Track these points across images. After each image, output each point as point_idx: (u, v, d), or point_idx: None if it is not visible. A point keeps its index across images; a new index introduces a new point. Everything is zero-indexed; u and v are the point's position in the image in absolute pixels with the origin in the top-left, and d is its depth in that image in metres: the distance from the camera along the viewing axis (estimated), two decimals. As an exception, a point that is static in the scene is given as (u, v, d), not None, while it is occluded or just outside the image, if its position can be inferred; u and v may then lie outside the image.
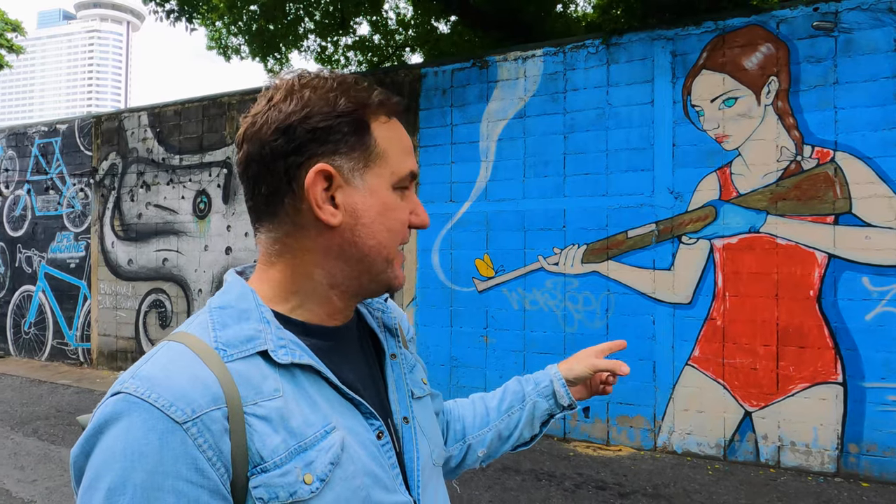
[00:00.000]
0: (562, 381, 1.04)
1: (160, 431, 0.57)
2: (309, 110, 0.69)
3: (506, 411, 1.04)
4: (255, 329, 0.68)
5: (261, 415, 0.62)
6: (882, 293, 4.01)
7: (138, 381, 0.60)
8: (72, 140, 8.08)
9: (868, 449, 4.02)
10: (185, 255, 7.10)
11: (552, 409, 1.04)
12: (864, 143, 4.08)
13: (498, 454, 1.05)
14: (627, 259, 4.77)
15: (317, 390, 0.69)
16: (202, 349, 0.64)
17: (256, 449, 0.61)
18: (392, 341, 0.86)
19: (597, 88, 4.91)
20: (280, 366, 0.67)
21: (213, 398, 0.60)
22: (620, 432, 4.78)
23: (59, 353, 8.18)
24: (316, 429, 0.65)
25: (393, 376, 0.82)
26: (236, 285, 0.73)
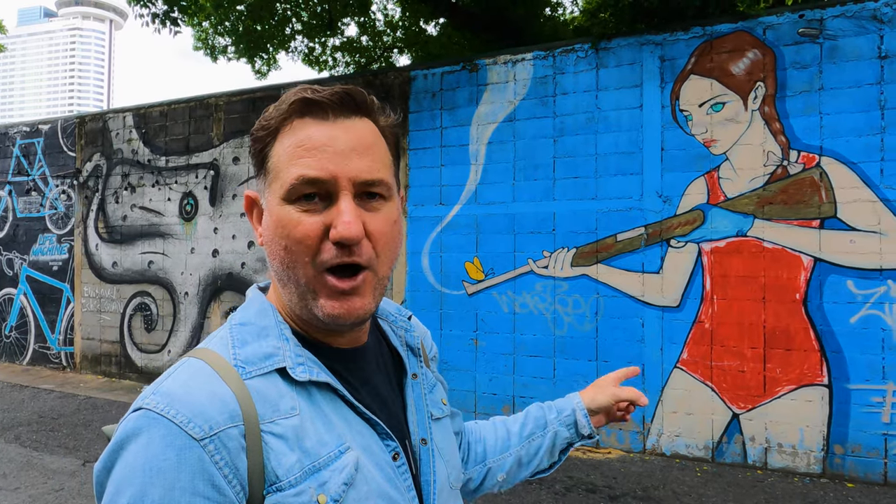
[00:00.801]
0: (584, 412, 1.03)
1: (178, 448, 0.57)
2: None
3: (527, 437, 1.03)
4: (274, 346, 0.68)
5: (277, 433, 0.62)
6: (866, 296, 4.07)
7: (159, 397, 0.60)
8: (55, 141, 7.95)
9: (853, 450, 4.08)
10: (171, 258, 7.02)
11: (572, 437, 1.04)
12: (848, 148, 4.14)
13: (517, 480, 1.04)
14: (616, 262, 4.80)
15: (333, 409, 0.68)
16: (221, 366, 0.64)
17: (272, 467, 0.61)
18: (414, 360, 0.85)
19: (586, 92, 4.94)
20: (297, 383, 0.67)
21: (231, 415, 0.60)
22: (610, 435, 4.80)
23: (42, 357, 8.05)
24: (330, 448, 0.65)
25: (413, 396, 0.81)
26: (257, 301, 0.73)
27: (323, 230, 0.65)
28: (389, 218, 0.70)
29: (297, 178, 0.65)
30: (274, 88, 6.46)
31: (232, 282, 6.61)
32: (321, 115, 0.67)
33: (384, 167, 0.70)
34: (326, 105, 0.67)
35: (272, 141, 0.68)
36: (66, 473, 4.31)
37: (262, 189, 0.71)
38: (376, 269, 0.69)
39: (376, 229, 0.68)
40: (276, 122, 0.68)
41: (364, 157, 0.67)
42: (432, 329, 5.41)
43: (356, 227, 0.65)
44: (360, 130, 0.68)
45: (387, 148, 0.72)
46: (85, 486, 4.08)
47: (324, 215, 0.66)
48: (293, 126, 0.67)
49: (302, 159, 0.66)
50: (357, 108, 0.69)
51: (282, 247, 0.67)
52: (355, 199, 0.67)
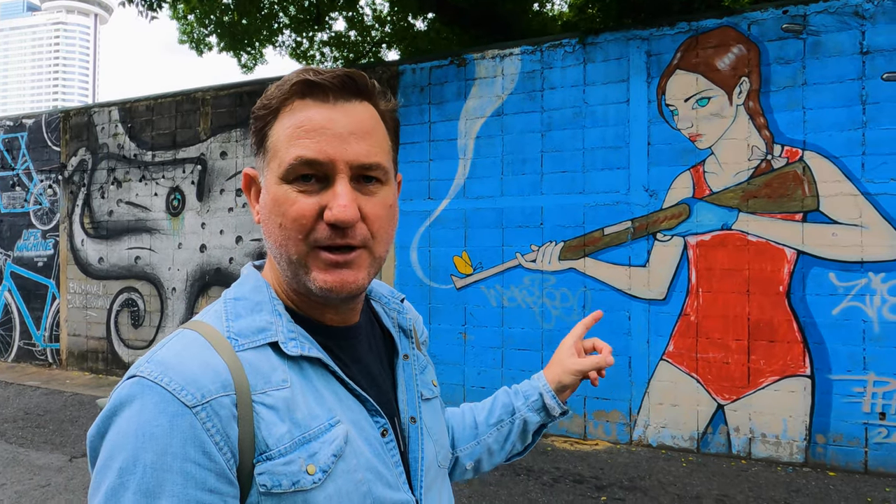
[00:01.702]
0: (551, 393, 1.02)
1: (170, 414, 0.58)
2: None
3: (495, 424, 1.03)
4: (267, 321, 0.69)
5: (268, 404, 0.64)
6: (848, 288, 4.14)
7: (153, 365, 0.62)
8: (39, 135, 7.86)
9: (834, 439, 4.16)
10: (159, 253, 6.97)
11: (544, 420, 1.03)
12: (831, 142, 4.20)
13: (490, 466, 1.04)
14: (604, 256, 4.84)
15: (324, 384, 0.70)
16: (215, 338, 0.65)
17: (263, 437, 0.62)
18: (406, 342, 0.86)
19: (573, 87, 4.96)
20: (289, 358, 0.68)
21: (223, 385, 0.61)
22: (597, 427, 4.85)
23: (27, 354, 7.97)
24: (320, 421, 0.66)
25: (403, 376, 0.82)
26: (252, 277, 0.75)
27: (318, 210, 0.66)
28: (385, 202, 0.71)
29: (295, 159, 0.66)
30: (261, 83, 6.43)
31: (220, 277, 6.58)
32: (322, 98, 0.67)
33: (382, 151, 0.70)
34: (328, 87, 0.67)
35: (272, 120, 0.69)
36: (52, 469, 4.28)
37: (260, 167, 0.72)
38: (372, 248, 0.70)
39: (371, 212, 0.69)
40: (276, 101, 0.68)
41: (362, 141, 0.68)
42: (421, 323, 5.43)
43: (351, 211, 0.66)
44: (360, 114, 0.69)
45: (386, 132, 0.73)
46: (72, 481, 4.06)
47: (320, 196, 0.67)
48: (293, 107, 0.68)
49: (301, 140, 0.66)
50: (358, 92, 0.69)
51: (277, 224, 0.68)
52: (352, 182, 0.67)
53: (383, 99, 0.73)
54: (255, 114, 0.71)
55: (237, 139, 6.49)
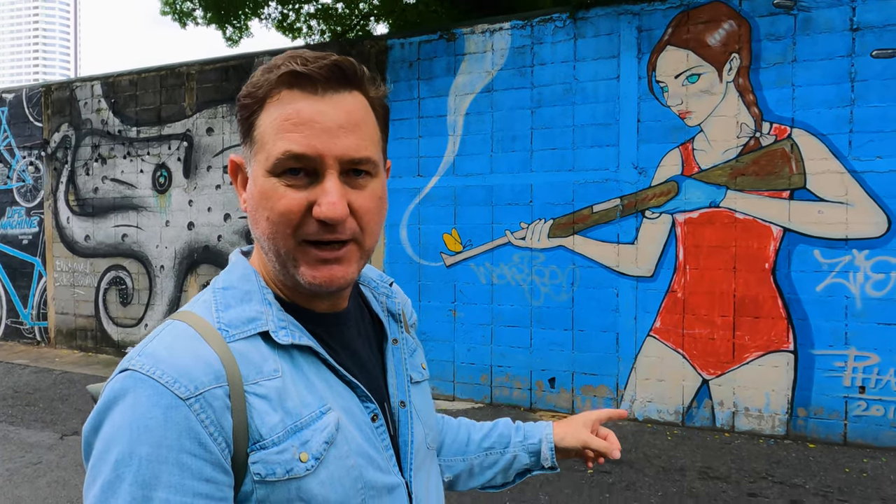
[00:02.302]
0: (551, 445, 1.01)
1: (164, 406, 0.58)
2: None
3: (486, 449, 1.03)
4: (257, 310, 0.69)
5: (261, 394, 0.64)
6: (832, 265, 4.20)
7: (144, 358, 0.62)
8: (20, 110, 7.70)
9: (815, 412, 4.25)
10: (146, 231, 6.91)
11: (532, 465, 1.03)
12: (819, 120, 4.22)
13: (465, 487, 1.03)
14: (592, 233, 4.86)
15: (314, 372, 0.70)
16: (205, 329, 0.65)
17: (256, 426, 0.63)
18: (395, 326, 0.87)
19: (564, 63, 4.92)
20: (280, 347, 0.68)
21: (216, 376, 0.62)
22: (585, 402, 4.92)
23: (14, 332, 7.92)
24: (312, 409, 0.67)
25: (393, 361, 0.83)
26: (240, 265, 0.74)
27: (306, 206, 0.66)
28: (374, 194, 0.70)
29: (282, 153, 0.65)
30: (247, 57, 6.31)
31: (209, 255, 6.55)
32: (310, 88, 0.66)
33: (372, 144, 0.69)
34: (316, 79, 0.65)
35: (259, 110, 0.67)
36: (43, 447, 4.30)
37: (247, 157, 0.71)
38: (361, 241, 0.70)
39: (361, 206, 0.68)
40: (263, 90, 0.67)
41: (351, 135, 0.66)
42: (411, 300, 5.44)
43: (340, 208, 0.65)
44: (350, 105, 0.67)
45: (376, 122, 0.72)
46: (64, 458, 4.08)
47: (308, 191, 0.66)
48: (281, 97, 0.66)
49: (289, 133, 0.65)
50: (347, 81, 0.68)
51: (264, 217, 0.67)
52: (341, 176, 0.67)
53: (373, 86, 0.71)
54: (241, 102, 0.69)
55: (223, 115, 6.39)
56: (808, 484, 3.60)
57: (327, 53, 0.67)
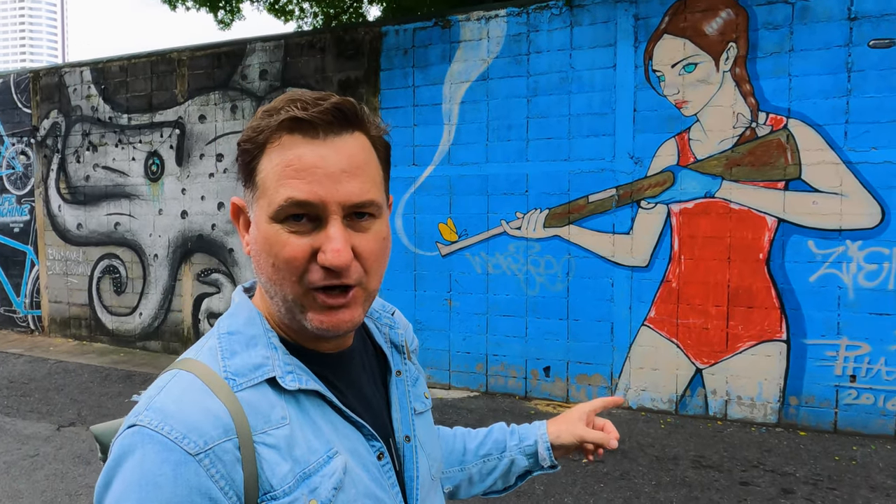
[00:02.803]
0: (547, 445, 1.01)
1: (174, 463, 0.58)
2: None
3: (483, 456, 1.03)
4: (263, 356, 0.69)
5: (270, 443, 0.64)
6: (826, 256, 4.22)
7: (152, 413, 0.61)
8: (8, 96, 7.58)
9: (807, 401, 4.31)
10: (139, 220, 6.86)
11: (531, 467, 1.03)
12: (815, 110, 4.21)
13: (467, 495, 1.04)
14: (588, 223, 4.86)
15: (321, 414, 0.70)
16: (212, 379, 0.65)
17: (266, 477, 0.63)
18: (398, 357, 0.87)
19: (560, 51, 4.88)
20: (286, 392, 0.68)
21: (225, 430, 0.61)
22: (579, 390, 4.97)
23: (8, 320, 7.89)
24: (319, 455, 0.67)
25: (397, 394, 0.83)
26: (244, 308, 0.73)
27: (311, 252, 0.65)
28: (378, 236, 0.70)
29: (285, 200, 0.64)
30: (239, 43, 6.22)
31: (203, 244, 6.52)
32: (311, 133, 0.65)
33: (374, 186, 0.69)
34: (317, 124, 0.65)
35: (259, 154, 0.67)
36: (40, 439, 4.31)
37: (249, 201, 0.70)
38: (366, 284, 0.70)
39: (365, 249, 0.68)
40: (263, 136, 0.66)
41: (354, 179, 0.66)
42: (406, 290, 5.46)
43: (345, 255, 0.65)
44: (352, 148, 0.67)
45: (378, 162, 0.72)
46: (61, 451, 4.09)
47: (312, 238, 0.66)
48: (282, 142, 0.65)
49: (291, 180, 0.64)
50: (349, 123, 0.67)
51: (269, 264, 0.67)
52: (344, 220, 0.67)
53: (374, 125, 0.71)
54: (242, 146, 0.68)
55: (216, 102, 6.32)
56: (799, 472, 3.66)
57: (327, 94, 0.67)
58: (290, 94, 0.67)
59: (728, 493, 3.41)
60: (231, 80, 6.22)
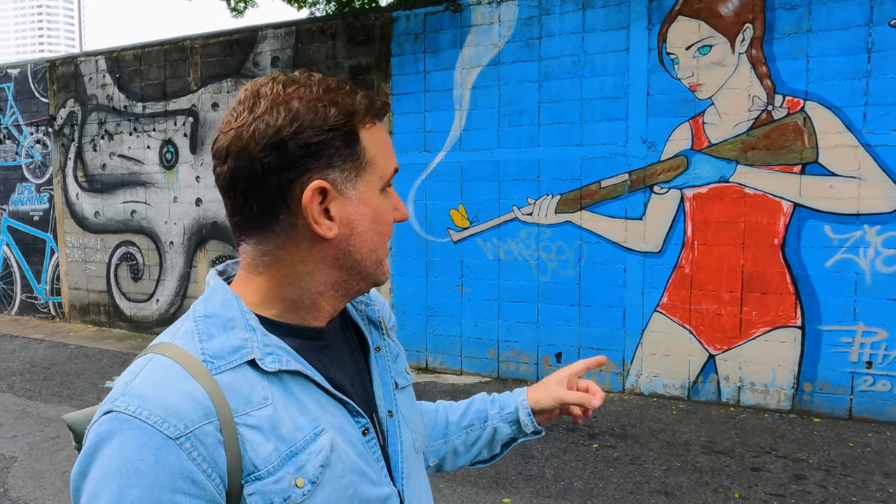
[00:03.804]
0: (528, 411, 1.02)
1: (154, 448, 0.58)
2: (300, 124, 0.67)
3: (465, 427, 1.04)
4: (242, 338, 0.68)
5: (252, 424, 0.64)
6: (842, 241, 4.16)
7: (129, 399, 0.61)
8: (25, 86, 7.68)
9: (821, 387, 4.27)
10: (154, 207, 6.95)
11: (515, 434, 1.04)
12: (833, 92, 4.12)
13: (453, 467, 1.06)
14: (600, 209, 4.82)
15: (305, 393, 0.70)
16: (190, 363, 0.64)
17: (250, 458, 0.63)
18: (376, 334, 0.87)
19: (572, 35, 4.82)
20: (268, 372, 0.68)
21: (205, 412, 0.61)
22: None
23: (30, 307, 8.06)
24: (305, 432, 0.67)
25: (378, 369, 0.84)
26: (220, 291, 0.72)
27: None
28: None
29: (394, 170, 0.77)
30: (251, 30, 6.23)
31: (217, 231, 6.58)
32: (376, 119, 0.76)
33: None
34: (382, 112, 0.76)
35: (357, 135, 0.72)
36: (61, 422, 4.40)
37: (344, 179, 0.71)
38: None
39: None
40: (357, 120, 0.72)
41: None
42: (418, 276, 5.48)
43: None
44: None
45: None
46: (81, 432, 4.19)
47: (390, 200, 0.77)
48: (367, 127, 0.73)
49: (392, 155, 0.77)
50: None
51: (377, 233, 0.75)
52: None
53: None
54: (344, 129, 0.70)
55: (228, 90, 6.35)
56: (812, 458, 3.64)
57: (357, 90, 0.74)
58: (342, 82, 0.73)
59: (739, 479, 3.40)
60: (243, 67, 6.24)
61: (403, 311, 5.59)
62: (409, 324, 5.57)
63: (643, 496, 3.25)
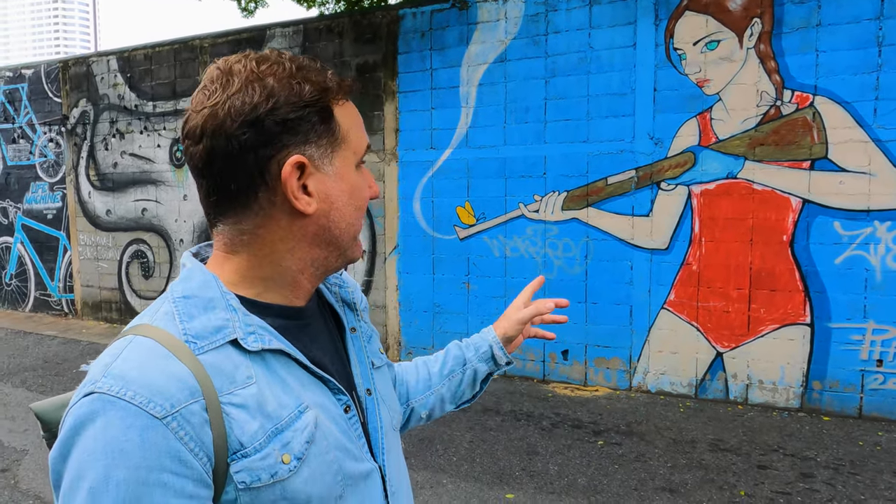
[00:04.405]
0: (499, 345, 1.11)
1: (140, 428, 0.58)
2: (275, 101, 0.67)
3: (447, 375, 1.11)
4: (223, 319, 0.68)
5: (237, 403, 0.64)
6: (852, 237, 4.11)
7: (112, 379, 0.60)
8: (39, 86, 7.79)
9: (831, 385, 4.22)
10: (165, 205, 7.02)
11: (492, 369, 1.13)
12: (843, 87, 4.07)
13: (441, 413, 1.13)
14: (607, 206, 4.80)
15: (288, 372, 0.71)
16: (172, 343, 0.64)
17: (236, 436, 0.63)
18: (351, 315, 0.89)
19: (579, 31, 4.80)
20: (250, 352, 0.68)
21: (191, 392, 0.61)
22: (598, 374, 4.94)
23: (43, 304, 8.17)
24: (290, 410, 0.68)
25: (354, 349, 0.85)
26: (197, 272, 0.72)
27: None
28: None
29: (366, 147, 0.78)
30: (259, 29, 6.27)
31: (226, 228, 6.62)
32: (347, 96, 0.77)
33: None
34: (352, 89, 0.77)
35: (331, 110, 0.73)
36: (71, 415, 4.47)
37: (321, 154, 0.72)
38: None
39: None
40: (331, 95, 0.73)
41: None
42: (425, 273, 5.49)
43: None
44: None
45: None
46: (90, 426, 4.24)
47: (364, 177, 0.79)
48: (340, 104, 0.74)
49: (363, 132, 0.78)
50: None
51: (354, 208, 0.76)
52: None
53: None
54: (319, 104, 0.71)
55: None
56: (820, 457, 3.60)
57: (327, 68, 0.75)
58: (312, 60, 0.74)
59: (745, 476, 3.37)
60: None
61: (410, 308, 5.60)
62: (415, 321, 5.58)
63: (647, 493, 3.23)
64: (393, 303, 5.67)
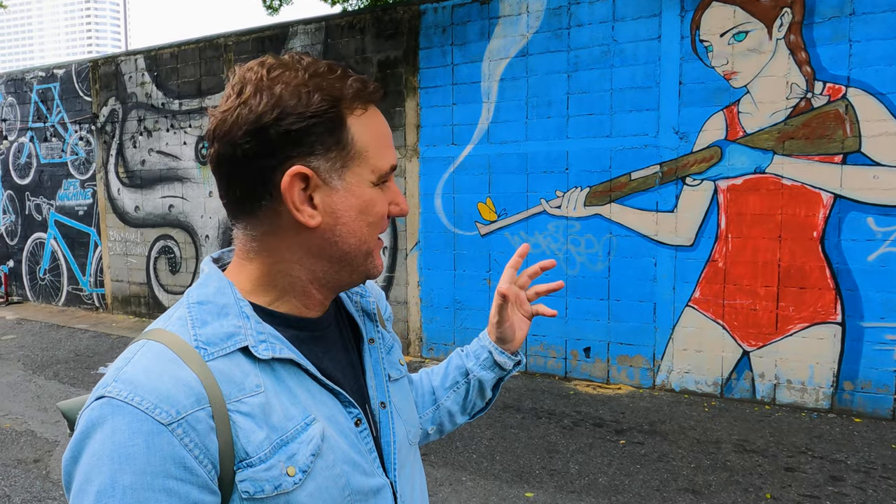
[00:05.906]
0: (499, 350, 1.03)
1: (146, 433, 0.58)
2: (281, 111, 0.66)
3: (450, 387, 1.05)
4: (235, 325, 0.68)
5: (244, 411, 0.64)
6: (887, 233, 3.97)
7: (121, 384, 0.61)
8: (70, 85, 7.97)
9: (863, 386, 4.10)
10: (191, 202, 7.13)
11: (499, 375, 1.05)
12: (878, 78, 3.93)
13: (453, 427, 1.07)
14: (630, 201, 4.73)
15: (297, 382, 0.70)
16: (182, 349, 0.64)
17: (242, 445, 0.63)
18: (370, 325, 0.87)
19: (602, 24, 4.73)
20: (261, 360, 0.68)
21: (197, 399, 0.61)
22: (620, 371, 4.88)
23: (75, 298, 8.39)
24: (296, 422, 0.67)
25: (371, 361, 0.84)
26: (214, 278, 0.72)
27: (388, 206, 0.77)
28: None
29: (389, 167, 0.74)
30: (282, 26, 6.31)
31: (250, 225, 6.71)
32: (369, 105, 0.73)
33: None
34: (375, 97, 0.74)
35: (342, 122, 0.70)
36: (101, 407, 4.58)
37: (329, 168, 0.70)
38: None
39: None
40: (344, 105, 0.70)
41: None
42: (446, 269, 5.48)
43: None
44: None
45: None
46: (119, 419, 4.34)
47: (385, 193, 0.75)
48: (357, 114, 0.71)
49: (388, 150, 0.74)
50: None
51: (366, 223, 0.73)
52: None
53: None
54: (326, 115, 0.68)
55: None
56: (850, 459, 3.50)
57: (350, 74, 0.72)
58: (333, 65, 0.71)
59: (771, 479, 3.30)
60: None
61: (431, 304, 5.60)
62: (436, 317, 5.58)
63: (670, 493, 3.18)
64: (414, 299, 5.68)
